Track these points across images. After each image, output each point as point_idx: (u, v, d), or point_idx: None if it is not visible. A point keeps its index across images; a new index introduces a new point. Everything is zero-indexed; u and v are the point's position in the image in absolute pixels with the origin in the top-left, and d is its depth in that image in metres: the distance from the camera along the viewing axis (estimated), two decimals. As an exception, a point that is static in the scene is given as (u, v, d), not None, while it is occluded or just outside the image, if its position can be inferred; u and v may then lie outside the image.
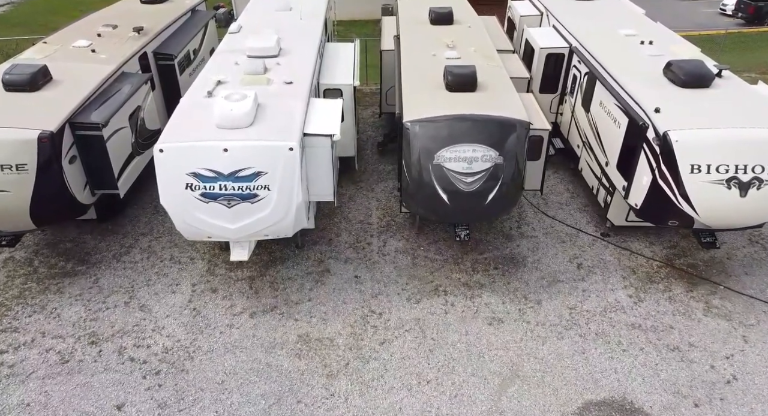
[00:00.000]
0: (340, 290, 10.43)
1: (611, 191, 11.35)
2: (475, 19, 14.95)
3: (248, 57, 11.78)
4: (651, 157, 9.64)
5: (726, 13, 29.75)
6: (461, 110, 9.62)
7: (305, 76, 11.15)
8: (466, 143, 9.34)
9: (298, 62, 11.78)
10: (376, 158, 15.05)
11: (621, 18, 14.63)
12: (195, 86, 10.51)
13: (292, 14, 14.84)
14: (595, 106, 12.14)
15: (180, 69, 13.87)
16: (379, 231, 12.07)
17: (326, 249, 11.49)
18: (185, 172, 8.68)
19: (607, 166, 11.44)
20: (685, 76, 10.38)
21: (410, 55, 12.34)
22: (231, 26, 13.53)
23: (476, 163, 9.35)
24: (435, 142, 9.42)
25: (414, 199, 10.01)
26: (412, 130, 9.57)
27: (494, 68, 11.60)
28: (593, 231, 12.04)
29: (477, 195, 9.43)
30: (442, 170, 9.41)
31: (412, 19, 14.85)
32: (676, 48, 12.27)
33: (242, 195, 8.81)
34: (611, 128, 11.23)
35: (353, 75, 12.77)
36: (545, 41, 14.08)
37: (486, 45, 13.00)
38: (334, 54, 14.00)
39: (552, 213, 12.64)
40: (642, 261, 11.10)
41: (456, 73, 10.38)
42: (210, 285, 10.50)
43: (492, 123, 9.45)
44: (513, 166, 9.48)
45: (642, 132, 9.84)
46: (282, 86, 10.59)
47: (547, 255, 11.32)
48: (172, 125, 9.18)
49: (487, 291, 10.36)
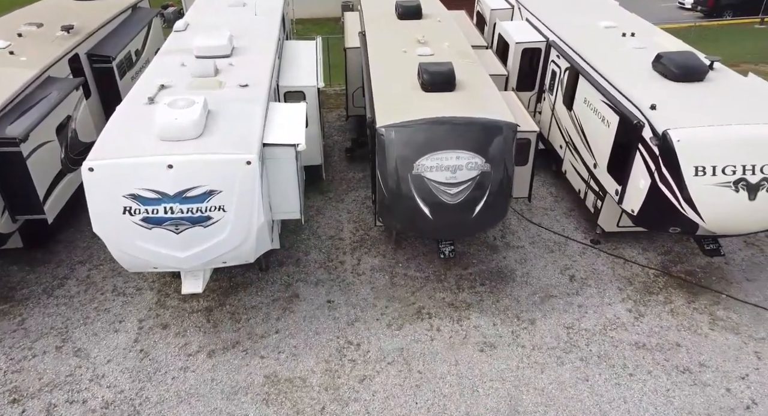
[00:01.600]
0: (311, 318, 9.22)
1: (601, 195, 10.52)
2: (445, 13, 13.97)
3: (197, 57, 10.43)
4: (649, 159, 8.81)
5: (685, 7, 29.84)
6: (441, 112, 8.56)
7: (263, 77, 9.89)
8: (449, 149, 8.28)
9: (254, 62, 10.50)
10: (345, 165, 13.88)
11: (596, 10, 13.90)
12: (134, 92, 9.11)
13: (246, 10, 13.50)
14: (579, 103, 11.30)
15: (120, 72, 12.35)
16: (352, 248, 10.91)
17: (294, 271, 10.26)
18: (122, 193, 7.31)
19: (596, 168, 10.61)
20: (677, 69, 9.60)
21: (379, 53, 11.21)
22: (177, 23, 12.11)
23: (461, 172, 8.31)
24: (414, 150, 8.33)
25: (391, 213, 8.90)
26: (387, 136, 8.46)
27: (471, 65, 10.61)
28: (582, 238, 11.20)
29: (463, 207, 8.39)
30: (423, 181, 8.33)
31: (378, 14, 13.73)
32: (660, 40, 11.56)
33: (192, 218, 7.50)
34: (599, 127, 10.40)
35: (317, 75, 11.57)
36: (521, 36, 13.21)
37: (459, 40, 12.02)
38: (294, 53, 12.76)
39: (537, 220, 11.76)
40: (637, 269, 10.30)
41: (432, 71, 9.32)
42: (160, 320, 9.12)
43: (476, 126, 8.43)
44: (501, 173, 8.48)
45: (636, 131, 9.01)
46: (236, 90, 9.30)
47: (536, 267, 10.40)
48: (104, 138, 7.78)
49: (476, 312, 9.34)
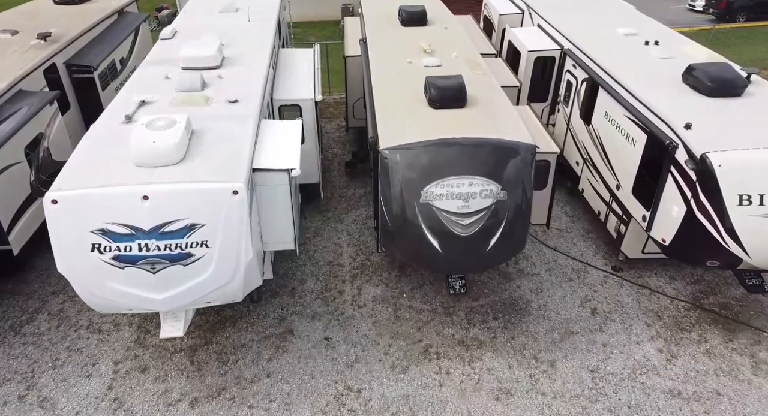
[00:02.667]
0: (306, 359, 8.33)
1: (625, 220, 9.62)
2: (452, 18, 13.07)
3: (183, 69, 9.55)
4: (683, 184, 7.91)
5: (695, 9, 28.88)
6: (451, 133, 7.67)
7: (255, 91, 9.00)
8: (461, 175, 7.38)
9: (246, 74, 9.60)
10: (345, 181, 12.99)
11: (613, 14, 13.00)
12: (110, 109, 8.21)
13: (239, 16, 12.62)
14: (599, 117, 10.41)
15: (102, 83, 11.46)
16: (352, 275, 10.01)
17: (288, 302, 9.37)
18: (90, 228, 6.42)
19: (619, 189, 9.71)
20: (712, 82, 8.70)
21: (381, 64, 10.31)
22: (163, 31, 11.22)
23: (474, 200, 7.41)
24: (421, 175, 7.43)
25: (395, 244, 8.00)
26: (392, 160, 7.56)
27: (482, 77, 9.71)
28: (603, 264, 10.30)
29: (476, 240, 7.49)
30: (432, 210, 7.43)
31: (380, 20, 12.84)
32: (687, 48, 10.66)
33: (171, 256, 6.60)
34: (622, 145, 9.50)
35: (314, 87, 10.68)
36: (533, 43, 12.31)
37: (468, 49, 11.12)
38: (290, 62, 11.87)
39: (553, 243, 10.85)
40: (665, 301, 9.40)
41: (441, 85, 8.42)
42: (138, 361, 8.22)
43: (491, 149, 7.53)
44: (519, 201, 7.57)
45: (669, 153, 8.12)
46: (224, 106, 8.41)
47: (553, 298, 9.50)
48: (71, 165, 6.87)
49: (489, 352, 8.45)
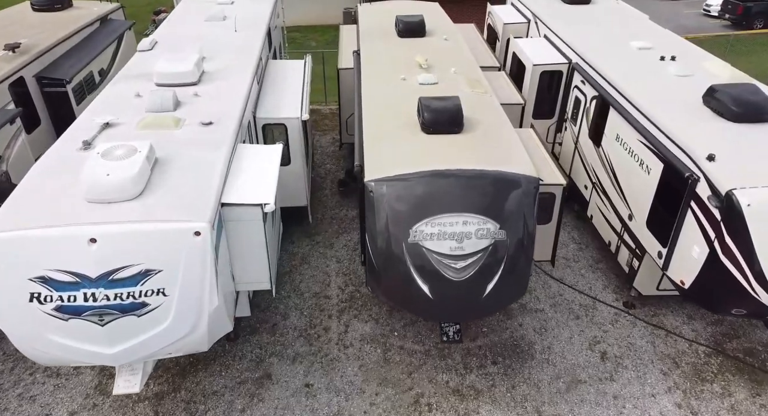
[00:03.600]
0: (284, 409, 7.53)
1: (638, 254, 8.76)
2: (452, 29, 12.25)
3: (157, 85, 8.81)
4: (705, 222, 7.06)
5: (710, 14, 27.82)
6: (445, 163, 6.86)
7: (233, 111, 8.23)
8: (454, 213, 6.57)
9: (226, 91, 8.85)
10: (337, 200, 12.19)
11: (626, 25, 12.13)
12: (69, 133, 7.46)
13: (226, 25, 11.87)
14: (609, 140, 9.55)
15: (77, 97, 10.72)
16: (339, 309, 9.21)
17: (268, 341, 8.58)
18: (28, 276, 5.66)
19: (632, 220, 8.86)
20: (737, 106, 7.83)
21: (373, 80, 9.51)
22: (142, 42, 10.49)
23: (468, 241, 6.59)
24: (410, 212, 6.62)
25: (382, 287, 7.18)
26: (377, 193, 6.75)
27: (482, 97, 8.89)
28: (613, 299, 9.44)
29: (471, 285, 6.66)
30: (421, 251, 6.62)
31: (376, 30, 12.05)
32: (707, 65, 9.77)
33: (122, 306, 5.84)
34: (635, 172, 8.65)
35: (302, 104, 9.89)
36: (539, 56, 11.47)
37: (469, 63, 10.29)
38: (278, 75, 11.09)
39: (559, 275, 10.00)
40: (683, 345, 8.52)
41: (435, 108, 7.61)
42: (97, 412, 7.45)
43: (488, 182, 6.71)
44: (520, 241, 6.74)
45: (689, 186, 7.26)
46: (197, 129, 7.65)
47: (559, 339, 8.65)
48: (13, 201, 6.11)
49: (486, 403, 7.61)
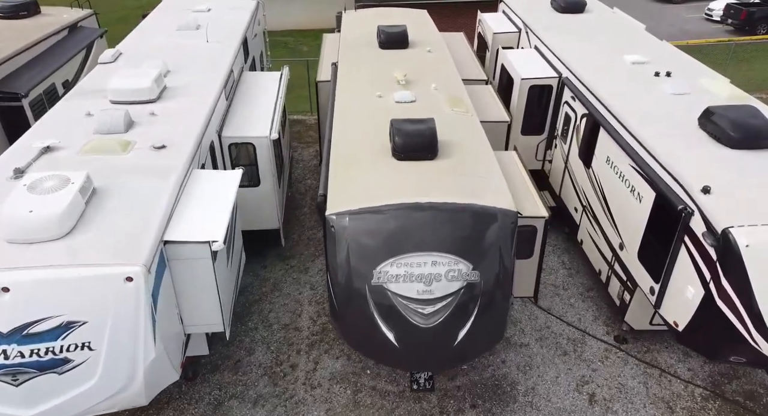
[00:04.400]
0: (241, 459, 6.95)
1: (630, 287, 8.14)
2: (437, 39, 11.62)
3: (111, 103, 8.21)
4: (700, 261, 6.43)
5: (712, 19, 27.11)
6: (414, 195, 6.24)
7: (191, 132, 7.64)
8: (423, 252, 5.96)
9: (188, 109, 8.26)
10: (315, 219, 11.57)
11: (621, 37, 11.47)
12: (4, 158, 6.85)
13: (198, 35, 11.26)
14: (600, 162, 8.93)
15: (35, 111, 10.09)
16: (309, 343, 8.60)
17: (230, 381, 7.98)
18: (-64, 330, 5.07)
19: (623, 250, 8.23)
20: (735, 131, 7.19)
21: (347, 97, 8.89)
22: (104, 53, 9.88)
23: (438, 284, 5.97)
24: (374, 251, 6.01)
25: (344, 333, 6.55)
26: (340, 228, 6.14)
27: (462, 117, 8.27)
28: (604, 332, 8.81)
29: (441, 332, 6.04)
30: (386, 295, 6.00)
31: (357, 40, 11.43)
32: (704, 82, 9.13)
33: (40, 363, 5.22)
34: (626, 199, 8.03)
35: (272, 122, 9.29)
36: (528, 70, 10.84)
37: (451, 78, 9.66)
38: (251, 89, 10.49)
39: (546, 304, 9.38)
40: (678, 387, 7.89)
41: (407, 132, 6.98)
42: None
43: (461, 217, 6.09)
44: (495, 282, 6.11)
45: (682, 220, 6.64)
46: (147, 154, 7.05)
47: (544, 378, 8.03)
48: (-73, 243, 5.54)
49: (462, 453, 7.01)
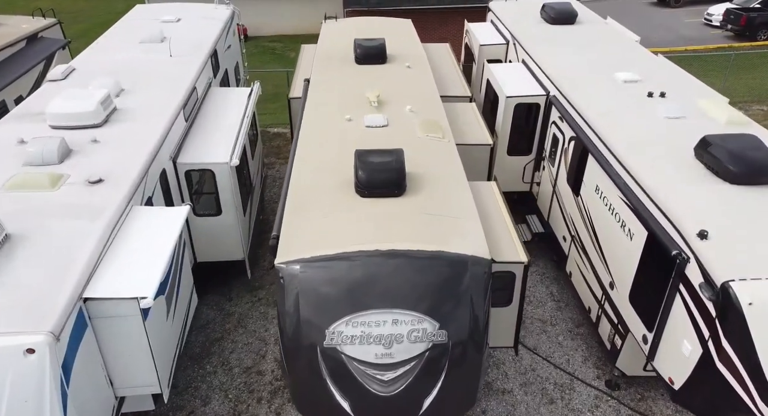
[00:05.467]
0: None
1: (622, 332, 7.41)
2: (419, 53, 10.88)
3: (51, 128, 7.48)
4: (698, 315, 5.71)
5: (711, 24, 26.38)
6: (375, 239, 5.50)
7: (136, 161, 6.90)
8: (382, 308, 5.23)
9: (137, 134, 7.53)
10: (288, 245, 10.84)
11: (613, 51, 10.72)
12: None
13: (161, 48, 10.52)
14: (588, 190, 8.21)
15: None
16: (272, 390, 7.86)
17: (182, 434, 7.26)
18: None
19: (613, 289, 7.51)
20: (735, 165, 6.45)
21: (313, 120, 8.14)
22: (53, 70, 9.14)
23: (399, 346, 5.24)
24: (327, 307, 5.27)
25: (296, 398, 5.78)
26: (289, 279, 5.40)
27: (438, 144, 7.53)
28: (594, 376, 8.08)
29: (403, 401, 5.30)
30: (340, 358, 5.26)
31: (333, 54, 10.70)
32: (702, 104, 8.39)
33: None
34: (617, 235, 7.30)
35: (234, 146, 8.53)
36: (513, 86, 10.11)
37: (430, 98, 8.91)
38: (216, 108, 9.73)
39: (532, 342, 8.66)
40: (673, 443, 7.20)
41: (371, 166, 6.23)
42: None
43: (427, 266, 5.36)
44: (466, 341, 5.37)
45: (676, 267, 5.92)
46: (80, 190, 6.31)
47: (526, 432, 7.32)
48: None
49: None
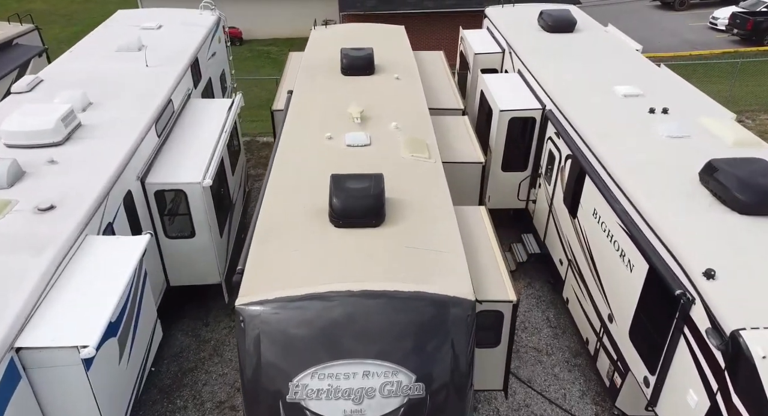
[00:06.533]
0: None
1: (622, 370, 6.85)
2: (409, 63, 10.33)
3: (6, 147, 6.96)
4: (705, 363, 5.15)
5: (717, 28, 25.73)
6: (345, 278, 4.96)
7: (94, 184, 6.38)
8: (352, 358, 4.69)
9: (100, 153, 7.00)
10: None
11: (614, 63, 10.10)
12: None
13: (139, 57, 9.99)
14: (586, 213, 7.66)
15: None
16: (244, 426, 7.33)
17: (145, 477, 6.73)
18: None
19: (612, 322, 6.96)
20: (744, 194, 5.89)
21: (292, 139, 7.58)
22: (18, 82, 8.62)
23: (371, 401, 4.68)
24: (290, 356, 4.73)
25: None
26: (250, 323, 4.86)
27: (423, 165, 6.98)
28: (592, 414, 7.51)
29: (374, 463, 4.77)
30: (304, 415, 4.73)
31: (319, 64, 10.15)
32: (707, 123, 7.82)
33: None
34: (616, 264, 6.75)
35: (209, 164, 7.99)
36: (508, 100, 9.55)
37: (418, 113, 8.36)
38: (193, 122, 9.19)
39: (526, 373, 8.10)
40: None
41: (347, 193, 5.68)
42: None
43: (402, 310, 4.82)
44: (447, 395, 4.83)
45: (680, 308, 5.37)
46: (27, 218, 5.79)
47: (517, 477, 6.77)
48: None
49: None
